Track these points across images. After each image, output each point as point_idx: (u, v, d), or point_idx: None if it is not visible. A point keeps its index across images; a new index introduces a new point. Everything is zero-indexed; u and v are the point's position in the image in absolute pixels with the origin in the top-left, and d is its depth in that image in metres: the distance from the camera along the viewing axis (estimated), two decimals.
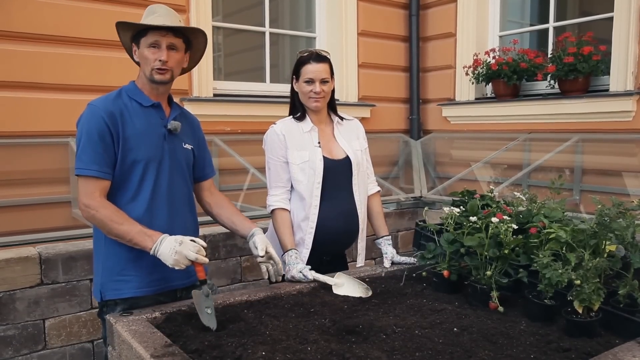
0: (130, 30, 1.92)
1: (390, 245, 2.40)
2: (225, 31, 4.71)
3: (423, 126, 5.44)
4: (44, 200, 3.51)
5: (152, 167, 1.91)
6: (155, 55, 1.88)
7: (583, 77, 4.08)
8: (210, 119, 4.17)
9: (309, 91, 2.26)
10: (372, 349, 1.51)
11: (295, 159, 2.27)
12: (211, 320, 1.67)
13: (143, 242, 1.78)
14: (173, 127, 1.97)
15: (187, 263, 1.75)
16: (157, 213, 1.93)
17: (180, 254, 1.74)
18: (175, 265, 1.75)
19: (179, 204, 2.00)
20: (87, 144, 1.82)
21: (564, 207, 2.07)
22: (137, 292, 1.92)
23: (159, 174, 1.93)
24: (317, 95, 2.26)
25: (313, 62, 2.25)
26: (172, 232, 1.86)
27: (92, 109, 1.86)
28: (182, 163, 2.02)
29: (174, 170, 1.98)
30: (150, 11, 1.91)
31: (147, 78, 1.92)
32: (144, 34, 1.89)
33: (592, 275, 1.61)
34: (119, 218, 1.81)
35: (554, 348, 1.53)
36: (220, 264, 3.42)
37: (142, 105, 1.93)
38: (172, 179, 1.97)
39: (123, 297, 1.92)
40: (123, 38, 1.96)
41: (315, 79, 2.25)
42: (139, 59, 1.93)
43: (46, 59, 3.55)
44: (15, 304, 2.75)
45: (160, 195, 1.93)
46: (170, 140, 1.97)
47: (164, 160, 1.94)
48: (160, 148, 1.94)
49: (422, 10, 5.32)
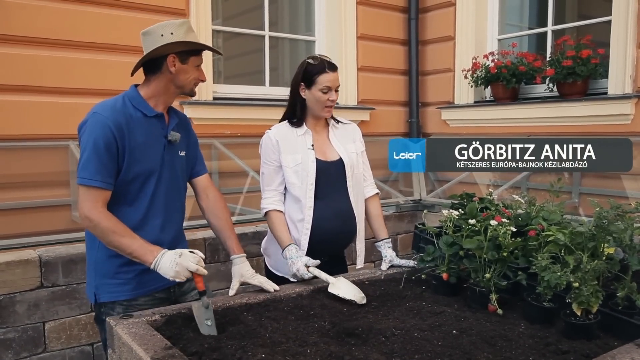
0: (183, 46, 1.92)
1: (390, 248, 2.41)
2: (225, 35, 4.73)
3: (422, 129, 5.45)
4: (44, 203, 3.51)
5: (152, 178, 1.94)
6: (198, 73, 1.99)
7: (581, 80, 4.09)
8: (210, 122, 4.18)
9: (325, 99, 2.28)
10: (371, 352, 1.52)
11: (289, 162, 2.29)
12: (211, 331, 1.68)
13: (144, 256, 1.80)
14: (173, 138, 1.99)
15: (187, 275, 1.77)
16: (151, 221, 1.95)
17: (181, 265, 1.76)
18: (176, 277, 1.76)
19: (172, 212, 2.03)
20: (92, 154, 1.82)
21: (562, 210, 2.07)
22: (133, 293, 1.94)
23: (157, 185, 1.95)
24: (332, 103, 2.31)
25: (329, 70, 2.28)
26: (162, 239, 1.90)
27: (100, 119, 1.85)
28: (178, 172, 2.04)
29: (171, 180, 2.00)
30: (190, 28, 1.96)
31: (186, 92, 2.00)
32: (197, 53, 1.96)
33: (591, 277, 1.62)
34: (121, 230, 1.82)
35: (553, 350, 1.53)
36: (220, 267, 3.42)
37: (145, 115, 1.94)
38: (168, 189, 1.99)
39: (120, 299, 1.94)
40: (166, 48, 1.89)
41: (333, 87, 2.28)
42: (178, 71, 1.93)
43: (46, 62, 3.56)
44: (15, 306, 2.75)
45: (156, 204, 1.96)
46: (169, 150, 1.99)
47: (163, 171, 1.97)
48: (160, 159, 1.96)
49: (421, 14, 5.33)
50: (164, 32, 1.90)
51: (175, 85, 1.97)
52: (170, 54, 1.91)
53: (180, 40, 1.90)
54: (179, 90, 2.00)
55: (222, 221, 2.15)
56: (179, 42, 1.90)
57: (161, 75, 1.94)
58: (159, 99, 1.97)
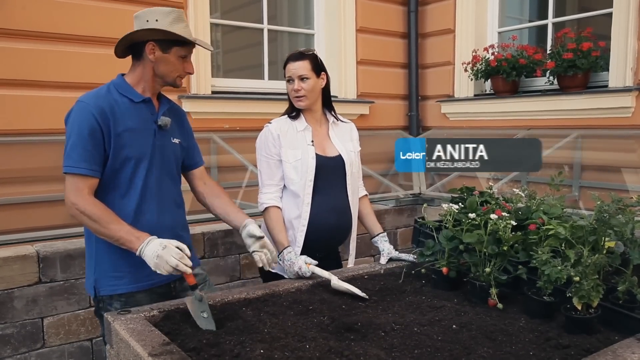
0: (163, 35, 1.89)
1: (386, 242, 2.41)
2: (223, 28, 4.70)
3: (422, 123, 5.43)
4: (42, 198, 3.50)
5: (142, 164, 1.91)
6: (184, 65, 1.97)
7: (582, 73, 4.07)
8: (209, 117, 4.16)
9: (290, 89, 2.30)
10: (370, 347, 1.51)
11: (289, 157, 2.28)
12: (209, 323, 1.66)
13: (130, 242, 1.78)
14: (163, 123, 1.96)
15: (168, 269, 1.72)
16: (146, 209, 1.93)
17: (162, 258, 1.72)
18: (156, 268, 1.73)
19: (167, 199, 2.00)
20: (77, 142, 1.81)
21: (563, 204, 2.07)
22: (132, 287, 1.93)
23: (149, 171, 1.92)
24: (297, 93, 2.29)
25: (292, 60, 2.29)
26: (160, 227, 1.88)
27: (82, 106, 1.85)
28: (170, 159, 2.02)
29: (163, 166, 1.98)
30: (178, 18, 1.92)
31: (168, 82, 1.97)
32: (180, 44, 1.92)
33: (591, 271, 1.61)
34: (107, 217, 1.80)
35: (553, 345, 1.53)
36: (219, 261, 3.42)
37: (132, 101, 1.92)
38: (161, 175, 1.97)
39: (119, 292, 1.92)
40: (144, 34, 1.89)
41: (293, 76, 2.28)
42: (159, 60, 1.91)
43: (47, 56, 3.54)
44: (14, 302, 2.75)
45: (149, 191, 1.93)
46: (160, 136, 1.97)
47: (155, 156, 1.94)
48: (151, 144, 1.94)
49: (421, 7, 5.30)
50: (150, 18, 1.88)
51: (156, 74, 1.94)
52: (150, 41, 1.89)
53: (157, 28, 1.86)
54: (160, 80, 1.97)
55: (224, 198, 2.15)
56: (157, 30, 1.87)
57: (143, 61, 1.93)
58: (145, 85, 1.95)
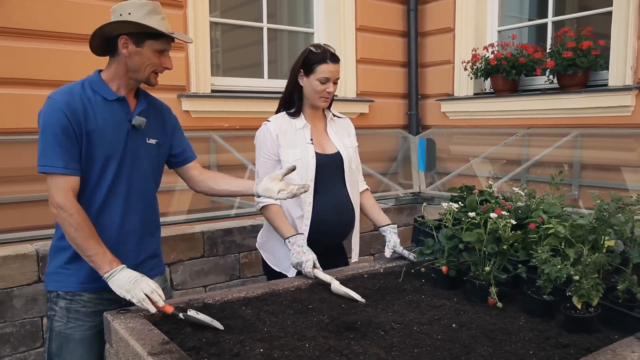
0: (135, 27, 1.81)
1: (395, 234, 2.37)
2: (223, 27, 4.69)
3: (422, 122, 5.43)
4: (42, 197, 3.45)
5: (112, 163, 1.85)
6: (161, 60, 1.87)
7: (582, 72, 4.07)
8: (208, 115, 4.15)
9: (322, 90, 2.27)
10: (370, 346, 1.51)
11: (288, 156, 2.27)
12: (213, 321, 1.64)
13: (101, 262, 1.73)
14: (137, 123, 1.89)
15: (140, 296, 1.66)
16: (111, 209, 1.87)
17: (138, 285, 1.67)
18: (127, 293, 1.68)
19: (135, 200, 1.93)
20: (52, 140, 1.75)
21: (562, 203, 2.06)
22: (79, 287, 1.87)
23: (118, 171, 1.86)
24: (329, 95, 2.29)
25: (330, 61, 2.25)
26: (122, 229, 1.86)
27: (52, 104, 1.79)
28: (143, 159, 1.94)
29: (134, 167, 1.91)
30: (153, 10, 1.83)
31: (141, 78, 1.88)
32: (154, 37, 1.83)
33: (591, 270, 1.61)
34: (89, 231, 1.76)
35: (553, 344, 1.53)
36: (219, 260, 3.41)
37: (106, 99, 1.85)
38: (131, 176, 1.90)
39: (64, 290, 1.87)
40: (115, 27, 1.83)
41: (332, 78, 2.26)
42: (132, 54, 1.83)
43: (47, 55, 3.54)
44: (13, 301, 2.74)
45: (116, 191, 1.87)
46: (134, 136, 1.90)
47: (125, 156, 1.88)
48: (122, 144, 1.87)
49: (421, 5, 5.30)
50: (123, 12, 1.81)
51: (129, 70, 1.86)
52: (122, 35, 1.82)
53: (129, 21, 1.79)
54: (133, 75, 1.87)
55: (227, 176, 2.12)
56: (129, 22, 1.79)
57: (118, 57, 1.86)
58: (120, 82, 1.88)
